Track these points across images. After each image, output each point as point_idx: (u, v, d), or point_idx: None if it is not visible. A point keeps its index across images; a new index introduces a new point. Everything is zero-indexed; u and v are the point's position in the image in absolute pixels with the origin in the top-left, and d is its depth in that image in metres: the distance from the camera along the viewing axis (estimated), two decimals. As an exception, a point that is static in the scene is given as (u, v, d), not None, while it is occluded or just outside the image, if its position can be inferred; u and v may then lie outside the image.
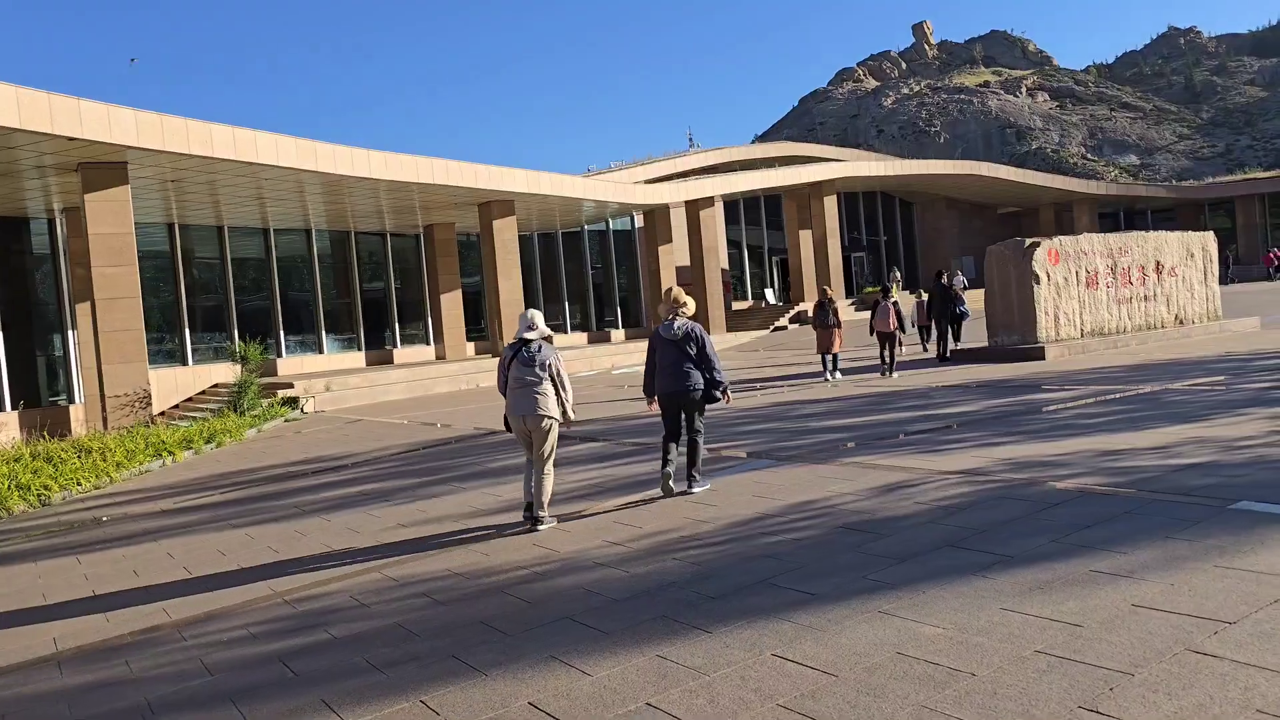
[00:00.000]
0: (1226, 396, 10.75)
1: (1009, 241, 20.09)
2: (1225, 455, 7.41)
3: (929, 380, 16.21)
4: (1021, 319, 19.55)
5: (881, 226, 53.92)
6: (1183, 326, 21.52)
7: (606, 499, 8.35)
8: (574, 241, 41.91)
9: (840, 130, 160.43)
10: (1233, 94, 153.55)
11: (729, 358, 30.95)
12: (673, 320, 8.14)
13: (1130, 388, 12.46)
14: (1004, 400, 12.27)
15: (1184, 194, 54.55)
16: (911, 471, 7.95)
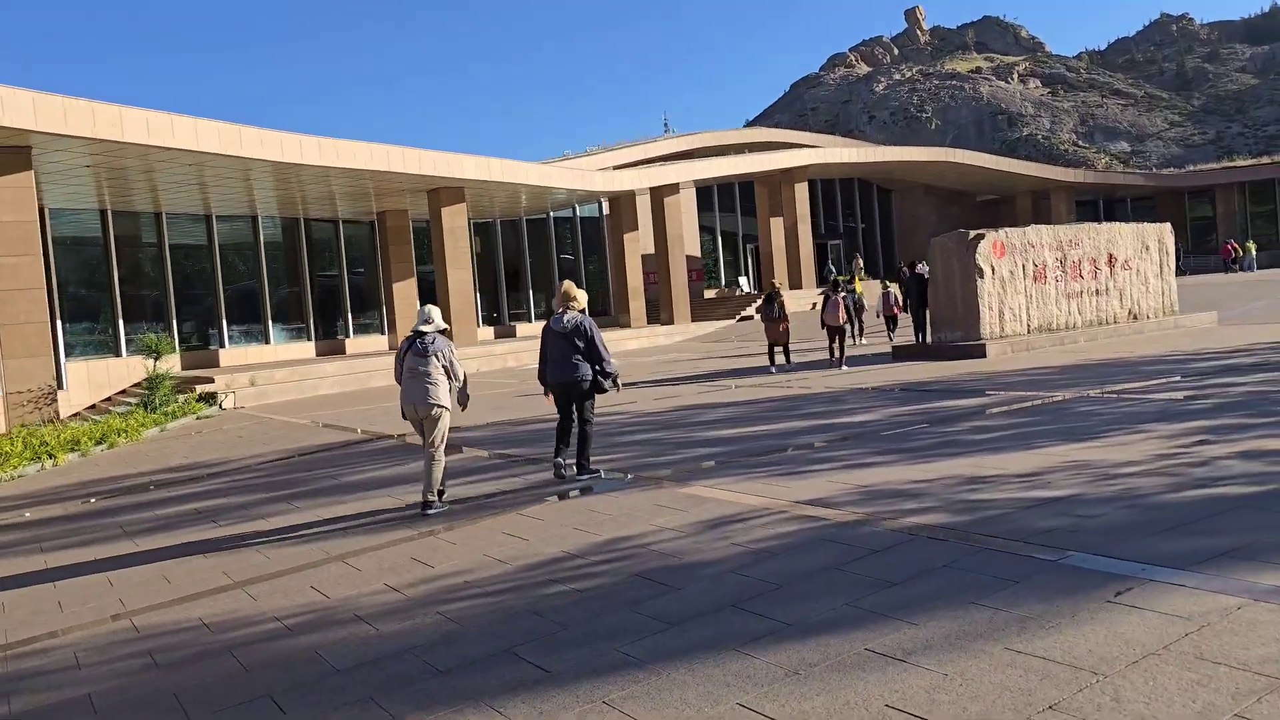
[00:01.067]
0: (1137, 408, 9.90)
1: (952, 233, 19.21)
2: (1093, 487, 6.56)
3: (858, 380, 15.37)
4: (965, 315, 18.69)
5: (859, 214, 53.01)
6: (1136, 322, 20.66)
7: (427, 525, 7.51)
8: (539, 229, 40.96)
9: (832, 116, 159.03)
10: (1224, 81, 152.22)
11: (686, 349, 30.09)
12: (563, 314, 8.46)
13: (1048, 394, 11.61)
14: (910, 409, 11.41)
15: (1163, 182, 53.58)
16: (755, 501, 7.10)
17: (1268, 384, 10.86)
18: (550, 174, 31.03)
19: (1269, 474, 6.47)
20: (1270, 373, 11.95)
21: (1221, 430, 8.21)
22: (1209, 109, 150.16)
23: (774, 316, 19.46)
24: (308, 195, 27.95)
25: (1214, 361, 13.94)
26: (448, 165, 27.01)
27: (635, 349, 32.02)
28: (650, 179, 36.32)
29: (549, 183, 30.85)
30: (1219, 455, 7.22)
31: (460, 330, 28.46)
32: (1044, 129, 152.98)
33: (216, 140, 20.52)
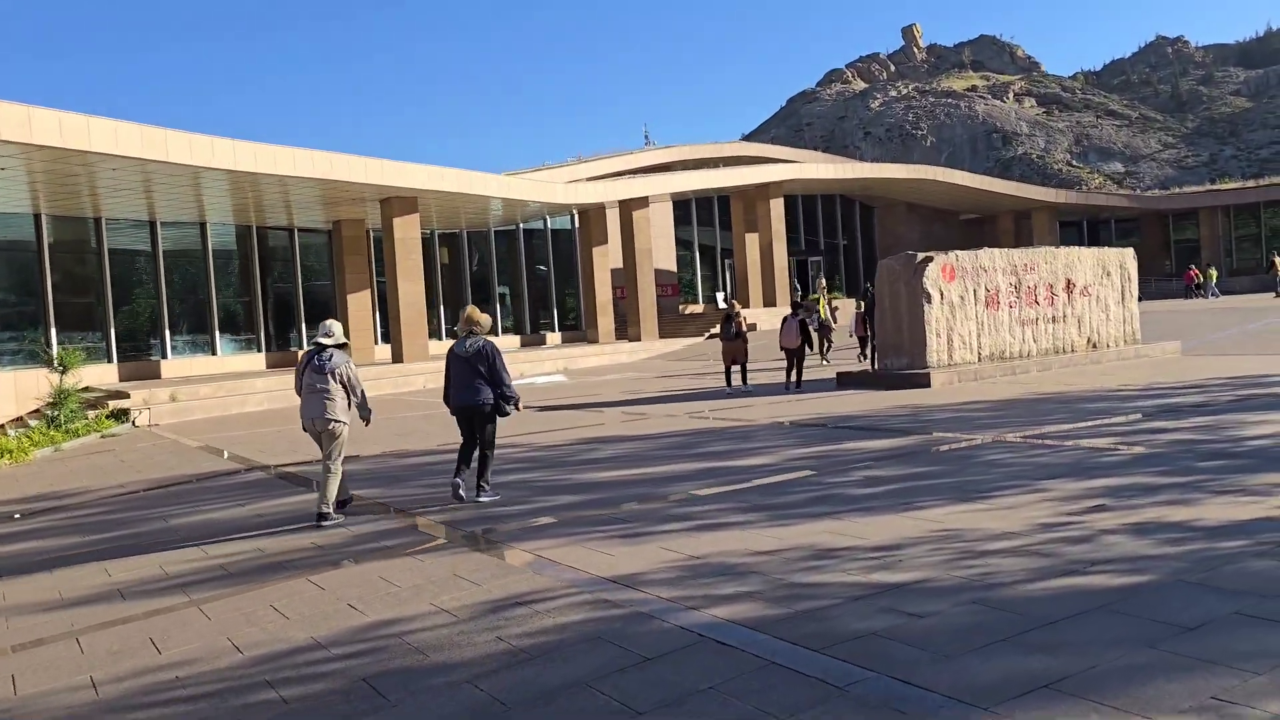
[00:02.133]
0: (1049, 458, 8.86)
1: (899, 255, 18.20)
2: (948, 568, 5.52)
3: (785, 412, 14.34)
4: (911, 341, 17.67)
5: (841, 231, 52.05)
6: (1095, 350, 19.64)
7: (201, 591, 6.47)
8: (509, 241, 40.00)
9: (827, 132, 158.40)
10: (1218, 104, 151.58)
11: (647, 367, 29.07)
12: (466, 338, 8.56)
13: (967, 437, 10.58)
14: (813, 450, 10.38)
15: (1147, 204, 52.61)
16: (564, 575, 6.07)
17: (1201, 431, 9.83)
18: (510, 185, 30.04)
19: (1152, 559, 5.43)
20: (1211, 415, 10.93)
21: (1126, 493, 7.17)
22: (1203, 131, 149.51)
23: (731, 336, 18.88)
24: (257, 202, 26.97)
25: (1159, 399, 12.91)
26: (398, 174, 26.01)
27: (594, 366, 31.00)
28: (618, 192, 35.36)
29: (508, 194, 29.87)
30: (1109, 528, 6.19)
31: (411, 345, 27.44)
32: (1039, 148, 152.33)
33: (138, 144, 19.52)
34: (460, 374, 8.46)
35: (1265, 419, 10.41)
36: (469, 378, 8.41)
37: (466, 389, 8.44)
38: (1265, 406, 11.45)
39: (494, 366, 8.40)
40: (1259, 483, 7.20)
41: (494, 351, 8.46)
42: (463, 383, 8.46)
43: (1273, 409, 11.17)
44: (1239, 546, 5.59)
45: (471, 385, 8.41)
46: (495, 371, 8.41)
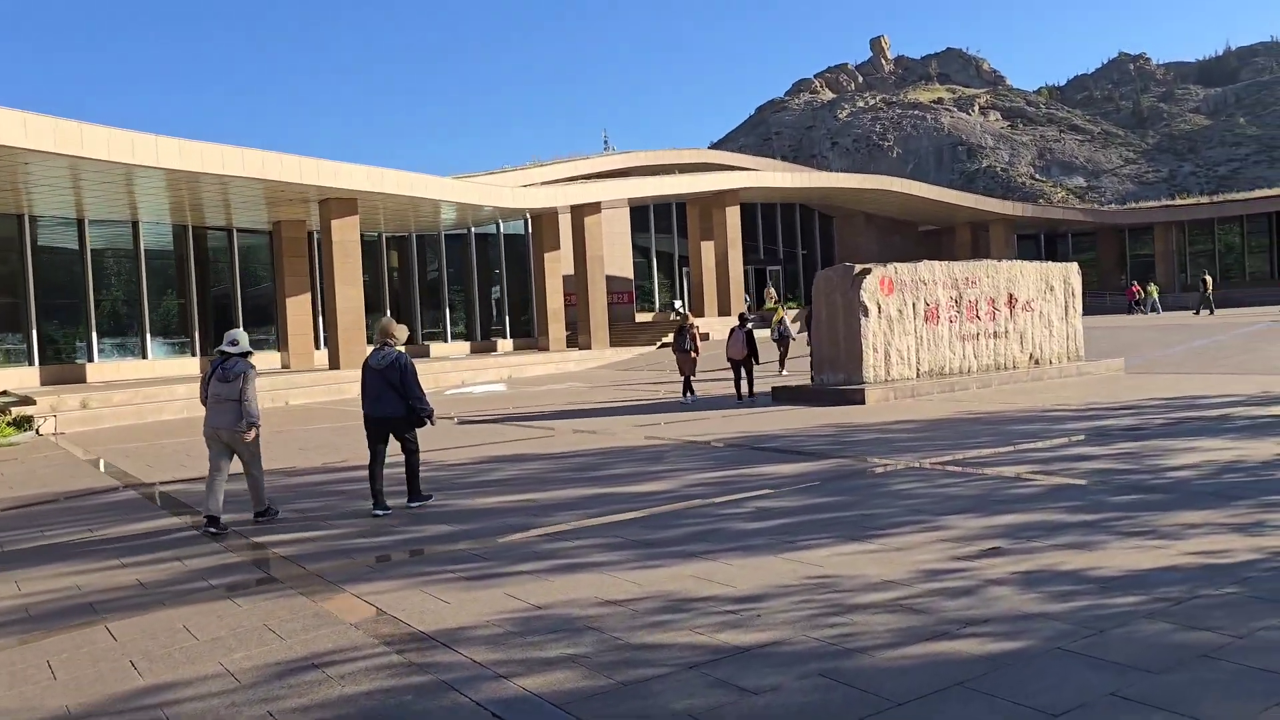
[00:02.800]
0: (959, 488, 8.24)
1: (836, 266, 17.62)
2: (806, 628, 4.84)
3: (707, 429, 13.70)
4: (847, 356, 17.09)
5: (800, 240, 51.64)
6: (1038, 367, 19.17)
7: (8, 634, 5.68)
8: (460, 245, 39.15)
9: (795, 141, 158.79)
10: (1178, 121, 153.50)
11: (593, 377, 28.37)
12: (381, 350, 8.57)
13: (882, 461, 9.96)
14: (717, 475, 9.71)
15: (1103, 219, 52.65)
16: (383, 627, 5.35)
17: (1124, 459, 9.26)
18: (454, 189, 29.22)
19: (1034, 620, 4.79)
20: (1138, 440, 10.38)
21: (1027, 533, 6.55)
22: (1163, 147, 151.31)
23: (684, 347, 18.59)
24: (192, 201, 26.02)
25: (1091, 421, 12.38)
26: (335, 175, 25.14)
27: (539, 375, 30.24)
28: (569, 197, 34.64)
29: (452, 197, 29.06)
30: (997, 577, 5.55)
31: (348, 351, 26.54)
32: (1003, 161, 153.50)
33: (51, 138, 18.57)
34: (374, 386, 8.50)
35: (1192, 445, 9.87)
36: (382, 390, 8.44)
37: (380, 401, 8.48)
38: (1195, 431, 10.93)
39: (405, 380, 8.40)
40: (1170, 523, 6.60)
41: (407, 364, 8.46)
42: (377, 395, 8.49)
43: (1202, 434, 10.65)
44: (1133, 604, 4.96)
45: (384, 397, 8.45)
46: (407, 385, 8.41)
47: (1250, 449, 9.52)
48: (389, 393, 8.42)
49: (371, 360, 8.55)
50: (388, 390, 8.41)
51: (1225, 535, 6.23)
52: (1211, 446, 9.79)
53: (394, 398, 8.43)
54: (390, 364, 8.43)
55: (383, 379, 8.42)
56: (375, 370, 8.48)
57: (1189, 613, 4.78)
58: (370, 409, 8.56)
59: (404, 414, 8.47)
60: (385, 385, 8.41)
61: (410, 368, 8.48)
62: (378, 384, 8.45)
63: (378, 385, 8.46)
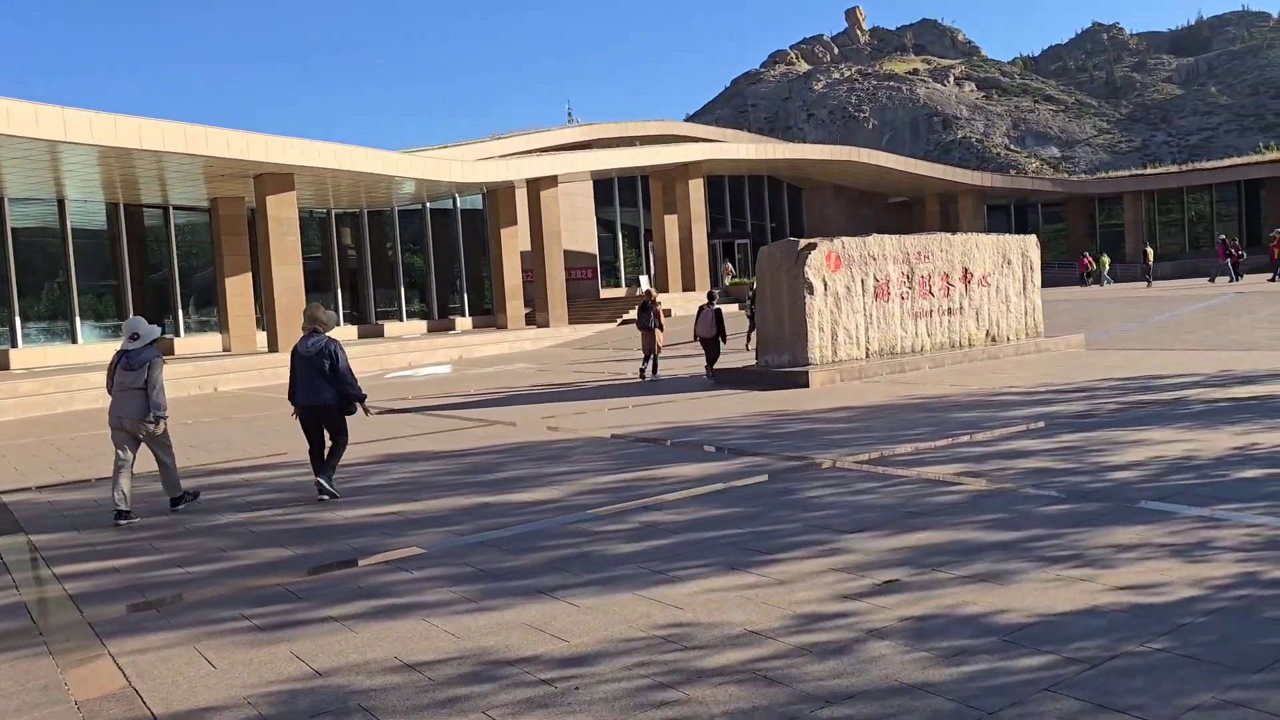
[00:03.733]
0: (874, 496, 7.22)
1: (780, 241, 16.55)
2: (624, 710, 3.81)
3: (632, 420, 12.67)
4: (792, 336, 16.06)
5: (769, 213, 50.51)
6: (994, 345, 18.21)
7: None
8: (414, 221, 37.84)
9: (771, 113, 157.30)
10: (1151, 91, 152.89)
11: (549, 357, 27.27)
12: (309, 337, 8.40)
13: (807, 457, 8.94)
14: (621, 477, 8.67)
15: (1073, 188, 51.73)
16: (110, 708, 4.27)
17: (1065, 455, 8.27)
18: (397, 162, 27.89)
19: (908, 695, 3.76)
20: (1085, 431, 9.40)
21: (936, 558, 5.53)
22: (1135, 117, 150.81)
23: (648, 324, 18.09)
24: (124, 177, 24.64)
25: (1040, 406, 11.41)
26: (266, 149, 23.81)
27: (491, 355, 29.12)
28: (523, 170, 33.33)
29: (396, 171, 27.74)
30: (883, 625, 4.53)
31: (288, 333, 25.26)
32: (978, 132, 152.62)
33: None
34: (303, 373, 8.35)
35: (1141, 437, 8.90)
36: (312, 377, 8.30)
37: (309, 388, 8.33)
38: (1147, 419, 9.96)
39: (336, 366, 8.28)
40: (1100, 544, 5.60)
41: (336, 350, 8.32)
42: (306, 382, 8.34)
43: (1154, 422, 9.69)
44: (1037, 668, 3.95)
45: (314, 384, 8.30)
46: (338, 371, 8.30)
47: (1203, 441, 8.56)
48: (319, 379, 8.27)
49: (300, 347, 8.39)
50: (317, 377, 8.27)
51: (1162, 561, 5.24)
52: (1162, 438, 8.82)
53: (324, 384, 8.28)
54: (319, 351, 8.26)
55: (312, 366, 8.27)
56: (304, 357, 8.33)
57: (1104, 683, 3.77)
58: (301, 397, 8.40)
59: (335, 401, 8.34)
60: (315, 372, 8.27)
61: (341, 354, 8.32)
62: (307, 371, 8.30)
63: (307, 372, 8.30)
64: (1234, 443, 8.44)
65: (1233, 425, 9.32)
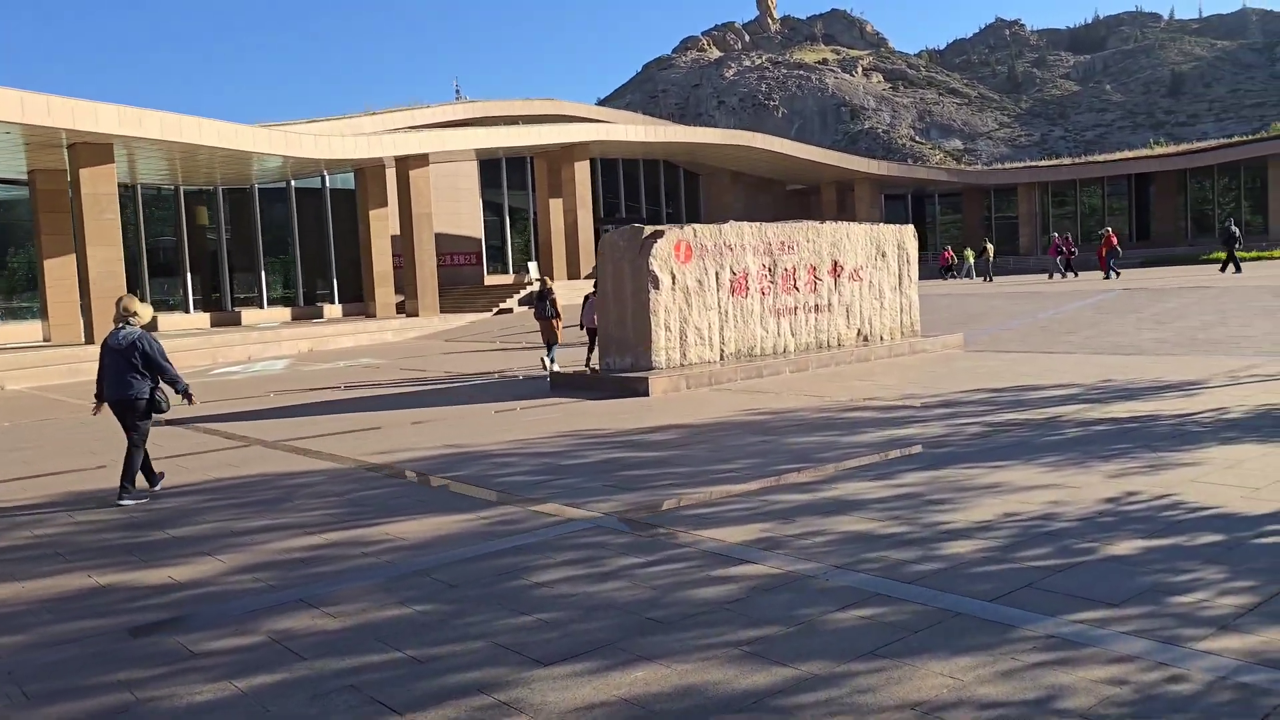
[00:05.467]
0: (618, 587, 5.15)
1: (623, 229, 14.45)
2: None
3: (411, 443, 10.45)
4: (636, 336, 13.99)
5: (665, 199, 48.54)
6: (867, 345, 16.44)
7: None
8: (276, 200, 34.78)
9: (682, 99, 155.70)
10: (1050, 87, 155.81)
11: (411, 349, 24.79)
12: (120, 329, 7.95)
13: (551, 512, 6.85)
14: (299, 545, 6.44)
15: (968, 179, 50.99)
16: None
17: (896, 508, 6.32)
18: (237, 134, 24.96)
19: None
20: (932, 469, 7.50)
21: (636, 734, 3.47)
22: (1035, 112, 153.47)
23: (546, 314, 16.98)
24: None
25: (894, 428, 9.54)
26: (72, 116, 20.76)
27: (347, 347, 26.49)
28: (390, 147, 30.64)
29: (234, 145, 24.83)
30: None
31: (104, 323, 22.26)
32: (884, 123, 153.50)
33: None
34: (114, 367, 7.88)
35: (998, 479, 7.04)
36: (123, 371, 7.84)
37: (120, 382, 7.87)
38: (1011, 449, 8.14)
39: (150, 359, 7.85)
40: (897, 699, 3.59)
41: (150, 343, 7.88)
42: (116, 376, 7.87)
43: (1017, 455, 7.86)
44: None
45: (124, 379, 7.84)
46: (154, 364, 7.87)
47: (1070, 487, 6.73)
48: (130, 374, 7.81)
49: (110, 340, 7.92)
50: (129, 371, 7.80)
51: (980, 747, 3.25)
52: (1022, 481, 6.97)
53: (135, 378, 7.82)
54: (131, 344, 7.81)
55: (123, 359, 7.81)
56: (115, 351, 7.86)
57: None
58: (109, 392, 7.91)
59: (147, 396, 7.87)
60: (127, 366, 7.80)
61: (155, 347, 7.89)
62: (118, 364, 7.83)
63: (118, 366, 7.82)
64: (1107, 490, 6.61)
65: (1108, 461, 7.54)
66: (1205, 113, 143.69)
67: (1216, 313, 18.34)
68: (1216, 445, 7.96)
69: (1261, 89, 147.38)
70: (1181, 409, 9.78)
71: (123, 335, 7.88)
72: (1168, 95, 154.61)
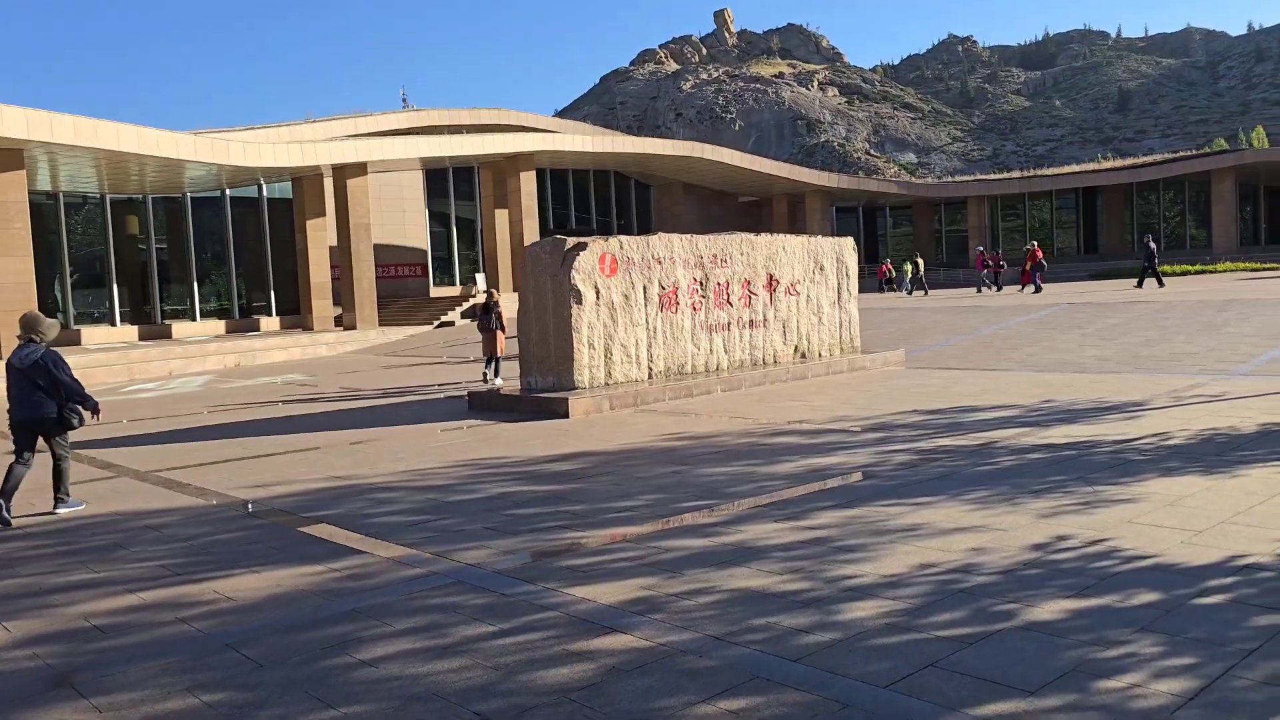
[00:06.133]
0: (449, 665, 4.31)
1: (546, 240, 13.64)
2: None
3: (287, 475, 9.53)
4: (558, 354, 13.16)
5: (615, 210, 47.82)
6: (805, 362, 15.75)
7: None
8: (211, 210, 33.53)
9: (640, 111, 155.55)
10: (1001, 102, 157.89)
11: (343, 364, 23.74)
12: (24, 347, 7.73)
13: (439, 556, 6.00)
14: (118, 609, 5.53)
15: (918, 192, 50.86)
16: None
17: (798, 559, 5.55)
18: (158, 140, 23.79)
19: None
20: (849, 507, 6.76)
21: None
22: (987, 127, 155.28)
23: (490, 327, 16.56)
24: None
25: (817, 456, 8.80)
26: (-26, 119, 19.53)
27: (278, 362, 25.37)
28: (325, 155, 29.57)
29: (156, 151, 23.67)
30: None
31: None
32: (840, 136, 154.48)
33: None
34: (19, 386, 7.69)
35: (918, 520, 6.31)
36: (28, 391, 7.67)
37: (27, 402, 7.69)
38: (937, 483, 7.43)
39: (56, 378, 7.67)
40: None
41: (54, 361, 7.69)
42: (21, 396, 7.69)
43: (943, 490, 7.15)
44: None
45: (31, 399, 7.67)
46: (59, 383, 7.68)
47: (996, 530, 6.01)
48: (36, 393, 7.64)
49: (14, 359, 7.71)
50: (34, 391, 7.64)
51: None
52: (945, 522, 6.25)
53: (42, 398, 7.65)
54: (35, 362, 7.61)
55: (27, 379, 7.63)
56: (18, 369, 7.66)
57: None
58: (16, 412, 7.72)
59: (54, 415, 7.69)
60: (31, 385, 7.63)
61: (59, 364, 7.71)
62: (22, 384, 7.66)
63: (22, 385, 7.66)
64: (1036, 534, 5.90)
65: (1040, 496, 6.84)
66: (1152, 128, 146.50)
67: (1160, 329, 17.92)
68: (1157, 477, 7.31)
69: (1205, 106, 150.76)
70: (1122, 433, 9.17)
71: (26, 353, 7.66)
72: (1115, 111, 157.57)
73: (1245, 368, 13.72)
